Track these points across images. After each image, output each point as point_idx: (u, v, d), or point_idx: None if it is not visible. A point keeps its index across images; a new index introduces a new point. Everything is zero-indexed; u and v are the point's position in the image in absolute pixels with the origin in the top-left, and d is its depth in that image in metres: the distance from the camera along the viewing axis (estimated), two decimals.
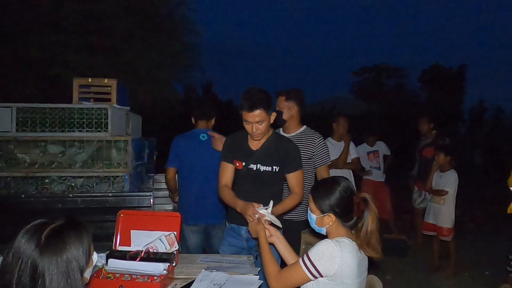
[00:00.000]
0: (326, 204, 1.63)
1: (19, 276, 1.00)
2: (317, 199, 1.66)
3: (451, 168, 4.07)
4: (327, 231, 1.68)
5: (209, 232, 2.95)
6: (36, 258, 1.01)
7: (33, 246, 1.02)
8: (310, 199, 1.70)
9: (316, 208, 1.66)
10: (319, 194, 1.66)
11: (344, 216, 1.62)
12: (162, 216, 2.20)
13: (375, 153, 5.45)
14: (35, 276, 1.00)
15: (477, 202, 7.57)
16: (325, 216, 1.63)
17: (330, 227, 1.65)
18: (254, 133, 2.20)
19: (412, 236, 5.28)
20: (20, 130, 2.67)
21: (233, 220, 2.40)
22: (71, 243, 1.06)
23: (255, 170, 2.29)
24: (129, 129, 3.21)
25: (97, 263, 1.89)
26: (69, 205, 2.56)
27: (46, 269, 1.01)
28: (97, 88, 3.00)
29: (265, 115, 2.14)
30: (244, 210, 2.10)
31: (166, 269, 1.82)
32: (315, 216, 1.67)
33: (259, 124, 2.16)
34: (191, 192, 2.90)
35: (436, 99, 21.51)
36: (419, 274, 4.21)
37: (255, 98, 2.12)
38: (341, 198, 1.61)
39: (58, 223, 1.08)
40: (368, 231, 1.59)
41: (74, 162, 2.70)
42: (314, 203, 1.67)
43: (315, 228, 1.72)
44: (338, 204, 1.61)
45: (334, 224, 1.64)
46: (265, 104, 2.13)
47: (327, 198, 1.63)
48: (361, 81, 27.54)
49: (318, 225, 1.67)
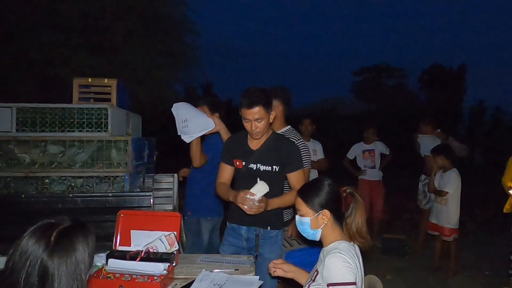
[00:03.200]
0: (319, 202, 1.63)
1: (27, 276, 1.00)
2: (308, 200, 1.65)
3: (452, 167, 4.07)
4: (322, 235, 1.66)
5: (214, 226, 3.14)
6: (46, 259, 1.02)
7: (43, 247, 1.03)
8: (300, 204, 1.67)
9: (308, 209, 1.64)
10: (309, 194, 1.66)
11: (337, 211, 1.63)
12: (162, 216, 2.21)
13: (370, 152, 5.46)
14: (44, 276, 1.01)
15: (477, 202, 7.57)
16: (320, 215, 1.63)
17: (326, 228, 1.63)
18: (253, 132, 2.20)
19: (412, 236, 5.28)
20: (20, 130, 2.67)
21: (233, 219, 2.41)
22: (79, 245, 1.08)
23: (255, 169, 2.29)
24: (129, 129, 3.21)
25: (97, 263, 1.90)
26: (69, 205, 2.56)
27: (56, 270, 1.02)
28: (97, 88, 3.00)
29: (264, 112, 2.15)
30: (235, 199, 2.15)
31: (166, 269, 1.82)
32: (308, 218, 1.64)
33: (258, 122, 2.16)
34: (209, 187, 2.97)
35: (436, 99, 21.51)
36: (419, 274, 4.21)
37: (254, 96, 2.14)
38: (331, 192, 1.64)
39: (66, 224, 1.10)
40: (359, 224, 1.61)
41: (74, 162, 2.70)
42: (305, 205, 1.65)
43: (309, 234, 1.68)
44: (330, 198, 1.63)
45: (329, 222, 1.63)
46: (264, 102, 2.15)
47: (318, 195, 1.63)
48: (361, 81, 27.55)
49: (313, 227, 1.65)
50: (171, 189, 3.20)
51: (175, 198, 3.17)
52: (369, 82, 27.07)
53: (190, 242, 3.07)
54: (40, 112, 2.69)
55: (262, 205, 2.09)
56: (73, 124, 2.71)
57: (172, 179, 3.19)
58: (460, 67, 24.02)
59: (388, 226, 6.28)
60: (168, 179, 3.23)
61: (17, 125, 2.67)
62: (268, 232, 2.33)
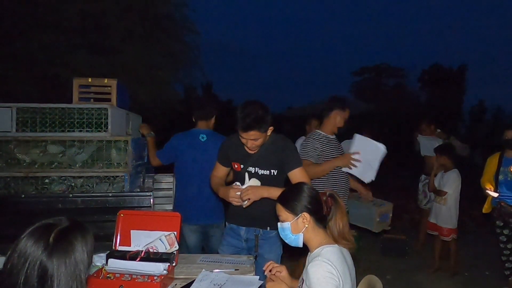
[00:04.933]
0: (298, 205, 1.62)
1: (26, 277, 1.01)
2: (287, 205, 1.64)
3: (454, 168, 4.08)
4: (305, 239, 1.64)
5: (207, 232, 2.97)
6: (45, 260, 1.02)
7: (42, 248, 1.03)
8: (280, 209, 1.66)
9: (288, 214, 1.63)
10: (288, 199, 1.66)
11: (317, 214, 1.62)
12: (162, 216, 2.21)
13: None
14: (44, 277, 1.01)
15: (477, 202, 7.56)
16: (299, 218, 1.61)
17: (307, 231, 1.62)
18: (250, 148, 2.22)
19: (412, 236, 5.28)
20: (20, 130, 2.67)
21: (233, 220, 2.41)
22: (78, 245, 1.09)
23: (253, 173, 2.30)
24: (129, 129, 3.21)
25: (97, 263, 1.90)
26: (69, 205, 2.56)
27: (55, 271, 1.02)
28: (97, 88, 3.00)
29: (259, 134, 2.14)
30: (225, 194, 2.20)
31: (166, 269, 1.82)
32: (288, 223, 1.63)
33: (254, 141, 2.16)
34: (189, 192, 2.92)
35: (436, 99, 21.51)
36: (419, 274, 4.21)
37: (250, 119, 2.09)
38: (310, 195, 1.64)
39: (64, 225, 1.10)
40: (340, 226, 1.62)
41: (74, 162, 2.70)
42: (285, 210, 1.64)
43: (291, 240, 1.66)
44: (309, 201, 1.62)
45: (310, 226, 1.62)
46: (260, 125, 2.11)
47: (297, 199, 1.63)
48: (361, 81, 27.53)
49: (294, 232, 1.63)
50: (171, 189, 3.20)
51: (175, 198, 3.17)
52: (369, 82, 27.05)
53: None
54: (40, 112, 2.69)
55: (249, 191, 2.12)
56: (73, 124, 2.71)
57: (172, 179, 3.19)
58: (460, 67, 24.02)
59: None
60: (168, 179, 3.24)
61: (17, 125, 2.67)
62: (268, 233, 2.33)
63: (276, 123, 2.27)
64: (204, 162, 2.85)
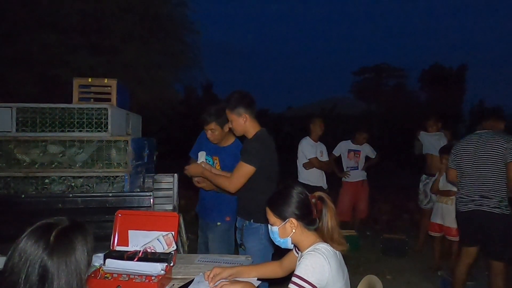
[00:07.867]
0: (285, 210, 1.61)
1: (27, 276, 1.01)
2: (275, 209, 1.64)
3: None
4: (294, 242, 1.65)
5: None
6: (46, 259, 1.03)
7: (42, 247, 1.03)
8: (268, 213, 1.66)
9: (276, 219, 1.63)
10: (276, 203, 1.65)
11: (305, 218, 1.61)
12: (160, 216, 2.21)
13: (356, 153, 5.45)
14: (44, 276, 1.02)
15: None
16: (287, 223, 1.61)
17: (295, 235, 1.62)
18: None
19: (412, 236, 5.28)
20: (20, 130, 2.67)
21: None
22: (79, 244, 1.09)
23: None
24: (129, 129, 3.21)
25: (94, 263, 1.90)
26: (69, 205, 2.56)
27: (56, 270, 1.03)
28: (97, 88, 3.00)
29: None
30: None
31: (164, 269, 1.82)
32: (276, 227, 1.63)
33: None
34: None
35: (436, 99, 21.51)
36: (419, 274, 4.21)
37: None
38: (298, 201, 1.61)
39: (65, 225, 1.11)
40: (329, 228, 1.60)
41: (74, 162, 2.70)
42: (273, 215, 1.64)
43: (280, 243, 1.68)
44: (297, 206, 1.60)
45: (298, 230, 1.61)
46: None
47: (285, 203, 1.62)
48: (361, 81, 27.55)
49: (281, 236, 1.64)
50: (171, 189, 3.20)
51: (175, 198, 3.17)
52: (369, 82, 27.07)
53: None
54: (40, 112, 2.70)
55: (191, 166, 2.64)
56: (73, 124, 2.71)
57: (172, 179, 3.19)
58: (460, 67, 24.04)
59: (388, 226, 6.28)
60: (168, 179, 3.24)
61: (17, 125, 2.67)
62: (250, 224, 2.44)
63: (276, 123, 2.27)
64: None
